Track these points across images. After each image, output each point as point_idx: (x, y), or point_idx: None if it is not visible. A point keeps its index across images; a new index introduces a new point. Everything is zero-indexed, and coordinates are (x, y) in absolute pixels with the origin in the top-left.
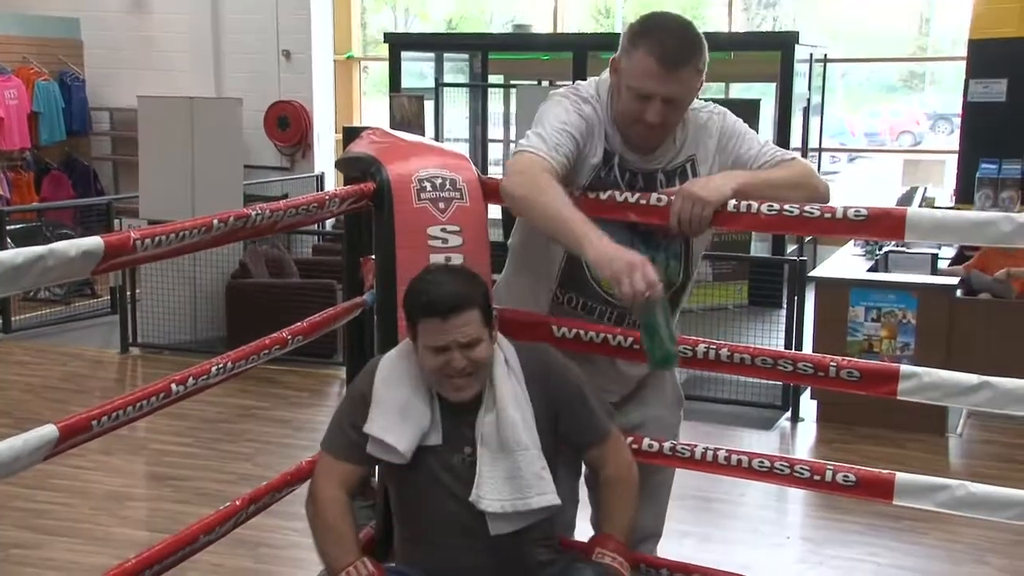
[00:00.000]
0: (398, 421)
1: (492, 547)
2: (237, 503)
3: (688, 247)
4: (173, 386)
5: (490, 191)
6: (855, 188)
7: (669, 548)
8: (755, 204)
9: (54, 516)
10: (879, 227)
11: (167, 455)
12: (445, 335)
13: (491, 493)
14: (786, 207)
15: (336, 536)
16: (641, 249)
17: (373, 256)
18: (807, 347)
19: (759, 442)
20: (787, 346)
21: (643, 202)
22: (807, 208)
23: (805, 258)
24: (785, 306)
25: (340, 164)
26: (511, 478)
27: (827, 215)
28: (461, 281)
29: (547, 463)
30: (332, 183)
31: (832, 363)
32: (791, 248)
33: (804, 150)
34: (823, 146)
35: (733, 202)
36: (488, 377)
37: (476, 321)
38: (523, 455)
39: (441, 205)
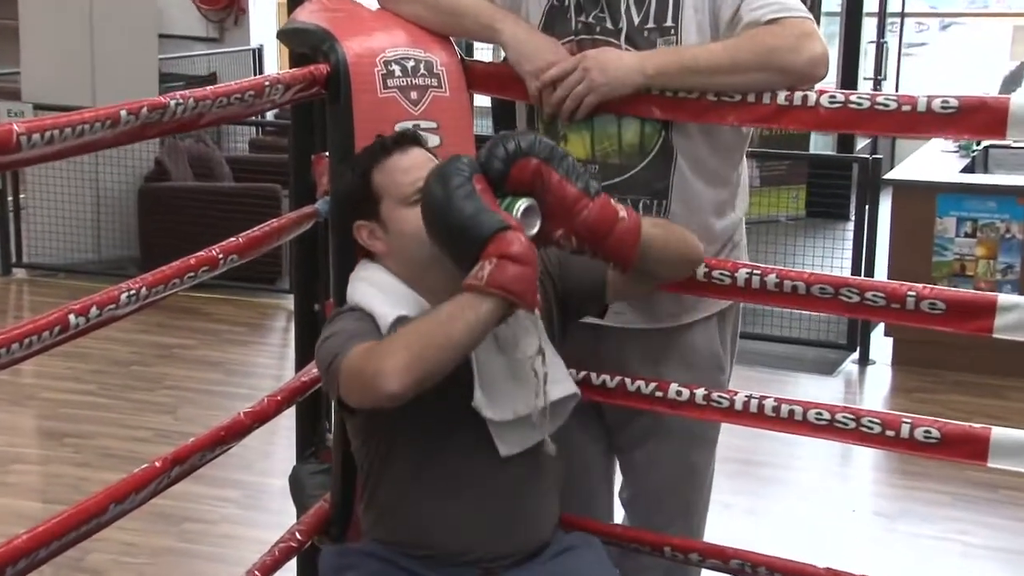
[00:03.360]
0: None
1: (504, 488)
2: (157, 465)
3: None
4: (71, 317)
5: (476, 77)
6: (948, 65)
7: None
8: (812, 95)
9: None
10: (972, 122)
11: (64, 406)
12: (417, 169)
13: (494, 399)
14: (852, 98)
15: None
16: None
17: (326, 154)
18: (881, 271)
19: (818, 389)
20: (855, 270)
21: (669, 94)
22: (881, 100)
23: (880, 156)
24: (853, 218)
25: (283, 36)
26: (514, 378)
27: (904, 107)
28: (409, 133)
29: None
30: (274, 59)
31: (911, 292)
32: (862, 143)
33: (882, 14)
34: (906, 10)
35: (784, 95)
36: None
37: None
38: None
39: (413, 95)
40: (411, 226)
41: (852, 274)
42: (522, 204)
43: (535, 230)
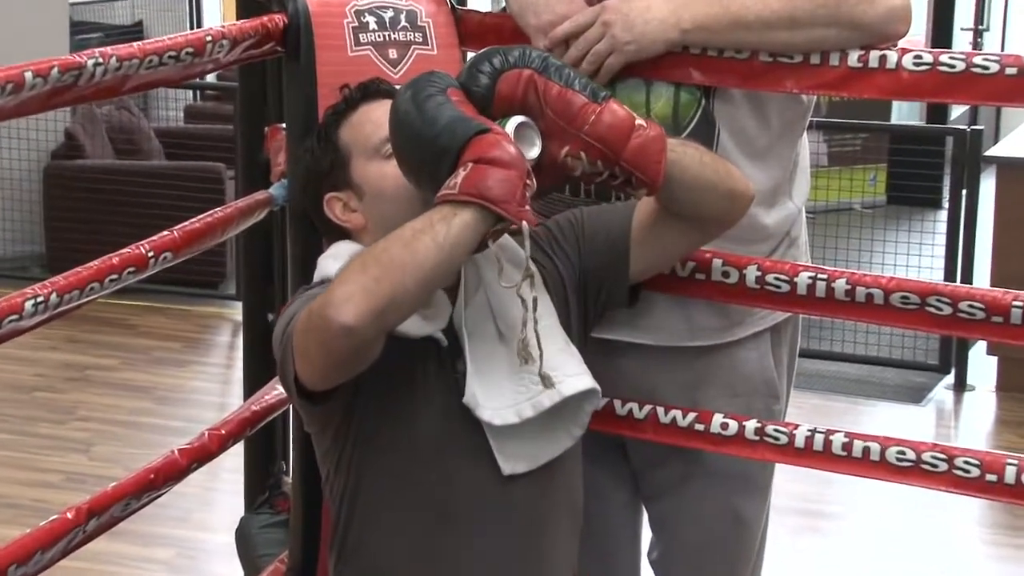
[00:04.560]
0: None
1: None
2: (68, 517)
3: None
4: None
5: (471, 31)
6: None
7: None
8: (892, 56)
9: None
10: None
11: None
12: (385, 118)
13: (492, 396)
14: (943, 59)
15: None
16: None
17: (284, 126)
18: (982, 273)
19: (901, 422)
20: (948, 272)
21: (712, 54)
22: (980, 60)
23: (981, 127)
24: (947, 206)
25: None
26: (520, 372)
27: (1009, 69)
28: (378, 81)
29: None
30: (217, 7)
31: (1018, 302)
32: (958, 112)
33: None
34: None
35: (857, 56)
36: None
37: None
38: (549, 339)
39: (392, 52)
40: (390, 182)
41: (945, 278)
42: (514, 120)
43: (535, 151)
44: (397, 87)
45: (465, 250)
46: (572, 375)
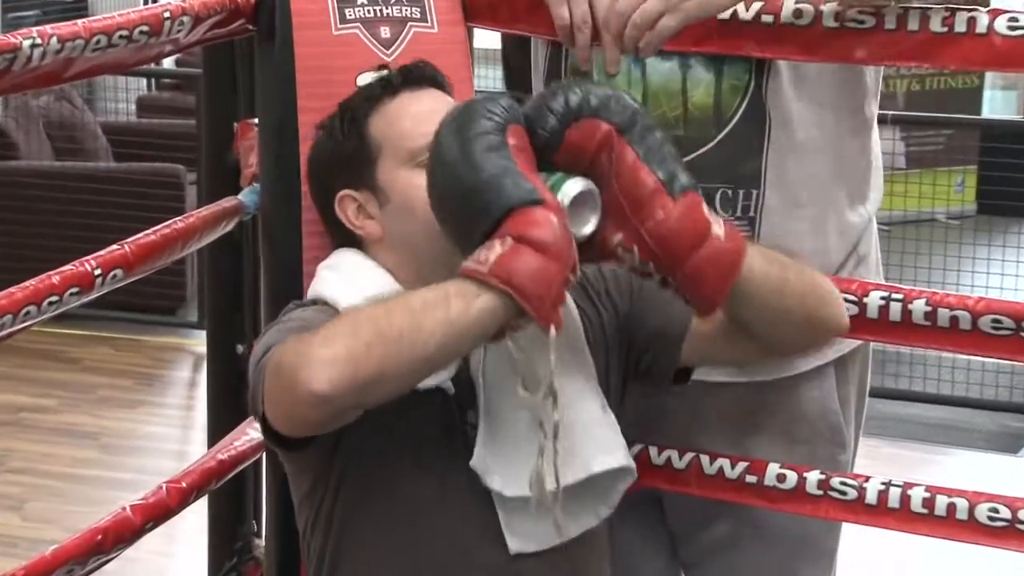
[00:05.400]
0: None
1: None
2: None
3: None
4: None
5: (477, 5)
6: None
7: None
8: (982, 18)
9: None
10: None
11: None
12: (435, 116)
13: (505, 462)
14: None
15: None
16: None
17: (256, 121)
18: None
19: (994, 474)
20: None
21: (767, 18)
22: None
23: None
24: None
25: None
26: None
27: None
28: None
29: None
30: None
31: None
32: None
33: None
34: None
35: (941, 19)
36: None
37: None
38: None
39: (385, 31)
40: (421, 198)
41: None
42: (575, 185)
43: (588, 228)
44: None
45: (479, 338)
46: (604, 450)
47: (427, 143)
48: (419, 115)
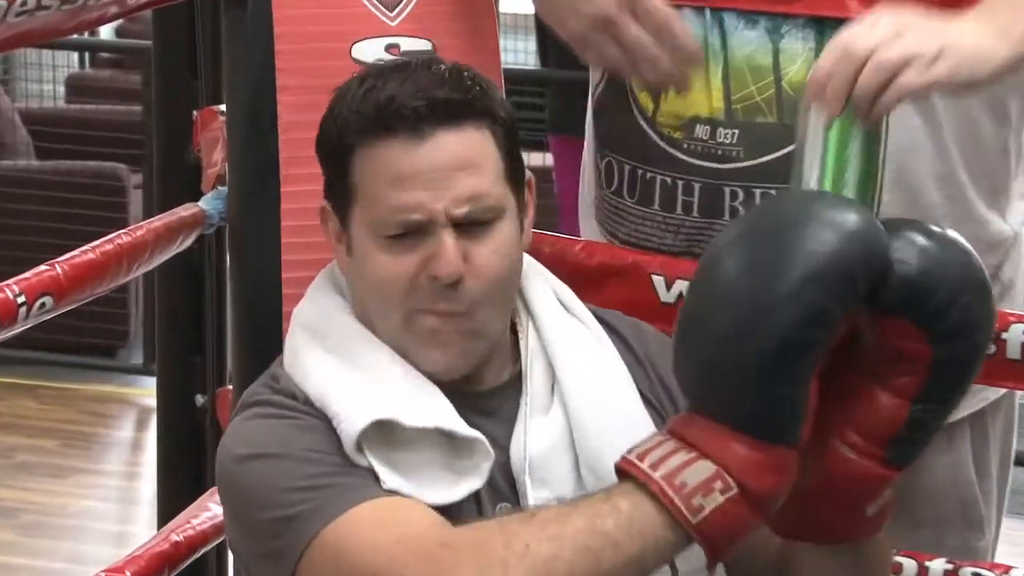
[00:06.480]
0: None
1: None
2: None
3: None
4: None
5: None
6: None
7: None
8: None
9: None
10: None
11: None
12: (428, 186)
13: None
14: None
15: None
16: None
17: (223, 107)
18: None
19: None
20: None
21: None
22: None
23: None
24: None
25: None
26: None
27: None
28: (454, 80)
29: None
30: None
31: None
32: None
33: None
34: None
35: None
36: (522, 332)
37: (489, 164)
38: None
39: None
40: (380, 275)
41: None
42: None
43: None
44: (462, 97)
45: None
46: None
47: (401, 219)
48: (409, 178)
